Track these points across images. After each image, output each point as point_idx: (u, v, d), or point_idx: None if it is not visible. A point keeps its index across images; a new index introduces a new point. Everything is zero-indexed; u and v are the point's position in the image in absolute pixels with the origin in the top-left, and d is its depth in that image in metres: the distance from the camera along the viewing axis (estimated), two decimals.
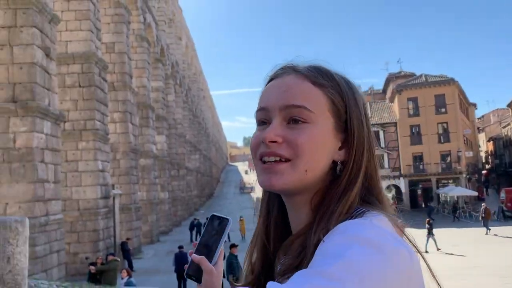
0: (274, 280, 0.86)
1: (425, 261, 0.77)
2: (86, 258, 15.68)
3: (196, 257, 0.85)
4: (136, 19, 26.77)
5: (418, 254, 0.74)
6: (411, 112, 43.92)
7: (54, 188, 12.95)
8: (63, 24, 16.83)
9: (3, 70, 11.89)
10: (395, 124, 44.03)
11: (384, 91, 53.57)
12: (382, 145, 44.19)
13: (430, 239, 19.75)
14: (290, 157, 0.81)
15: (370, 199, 0.84)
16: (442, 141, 43.04)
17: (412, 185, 43.70)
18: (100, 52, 18.74)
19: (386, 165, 43.97)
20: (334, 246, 0.68)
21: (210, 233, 0.94)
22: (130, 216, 22.59)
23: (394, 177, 43.50)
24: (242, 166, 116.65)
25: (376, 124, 44.24)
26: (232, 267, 10.01)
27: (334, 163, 0.85)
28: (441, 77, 44.62)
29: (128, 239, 20.05)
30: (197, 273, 0.91)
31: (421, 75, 45.69)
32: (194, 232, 27.31)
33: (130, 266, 17.98)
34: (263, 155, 0.83)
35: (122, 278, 11.70)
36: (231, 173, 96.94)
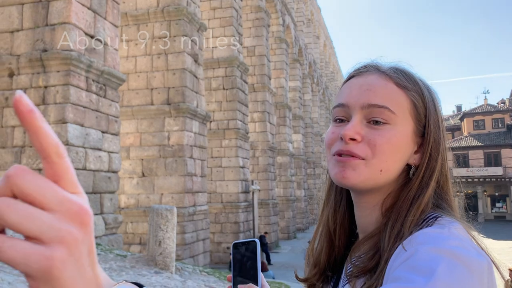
0: (340, 277, 0.90)
1: (498, 269, 0.73)
2: (228, 248, 16.84)
3: (244, 286, 0.89)
4: (276, 22, 27.75)
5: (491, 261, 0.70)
6: None
7: (201, 182, 14.21)
8: (209, 31, 18.32)
9: (160, 76, 13.47)
10: None
11: None
12: None
13: None
14: (365, 158, 0.81)
15: (441, 205, 0.82)
16: None
17: None
18: (241, 56, 19.91)
19: None
20: (421, 260, 0.66)
21: (242, 261, 0.95)
22: (268, 211, 23.58)
23: None
24: None
25: None
26: None
27: (408, 166, 0.85)
28: None
29: (266, 233, 20.95)
30: None
31: None
32: None
33: (268, 259, 18.78)
34: (340, 152, 0.82)
35: None
36: None
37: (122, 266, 4.86)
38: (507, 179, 39.43)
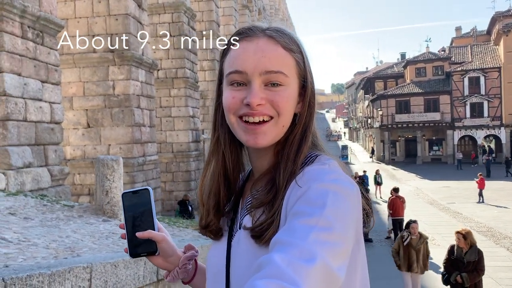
0: (239, 210, 1.02)
1: (363, 193, 0.93)
2: (176, 199, 17.17)
3: (142, 233, 0.96)
4: None
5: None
6: None
7: (149, 132, 14.10)
8: None
9: (101, 22, 12.85)
10: (499, 69, 39.99)
11: (489, 32, 48.34)
12: (482, 92, 40.62)
13: None
14: (273, 115, 0.92)
15: (316, 143, 1.00)
16: None
17: None
18: (188, 1, 19.24)
19: (485, 114, 40.65)
20: (314, 195, 0.82)
21: (135, 209, 0.98)
22: None
23: (494, 127, 40.19)
24: (329, 114, 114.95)
25: (477, 69, 40.56)
26: None
27: (294, 114, 0.98)
28: None
29: None
30: (145, 248, 0.97)
31: None
32: None
33: None
34: (247, 115, 0.91)
35: None
36: (318, 120, 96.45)
37: (70, 215, 4.92)
38: (443, 124, 41.88)
